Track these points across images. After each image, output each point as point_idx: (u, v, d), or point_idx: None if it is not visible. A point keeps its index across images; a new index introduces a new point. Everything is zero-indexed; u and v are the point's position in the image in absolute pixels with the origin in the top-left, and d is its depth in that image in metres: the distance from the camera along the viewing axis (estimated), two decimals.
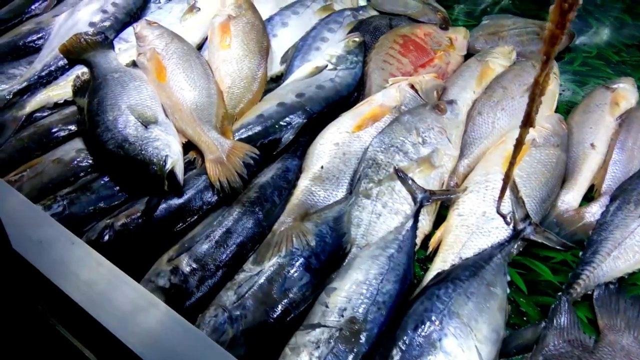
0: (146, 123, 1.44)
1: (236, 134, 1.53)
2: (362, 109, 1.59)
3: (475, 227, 1.33)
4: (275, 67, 1.87)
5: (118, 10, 1.94)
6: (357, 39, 1.82)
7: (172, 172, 1.34)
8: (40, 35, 1.87)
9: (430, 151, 1.46)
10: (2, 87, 1.70)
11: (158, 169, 1.33)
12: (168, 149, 1.38)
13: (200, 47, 1.93)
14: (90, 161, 1.46)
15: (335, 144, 1.52)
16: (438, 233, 1.36)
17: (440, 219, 1.41)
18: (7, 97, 1.67)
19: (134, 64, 1.72)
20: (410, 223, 1.31)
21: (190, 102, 1.54)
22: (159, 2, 2.04)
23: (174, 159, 1.36)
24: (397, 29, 1.91)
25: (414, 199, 1.37)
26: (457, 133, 1.52)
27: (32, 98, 1.65)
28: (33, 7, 1.97)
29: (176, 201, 1.34)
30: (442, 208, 1.43)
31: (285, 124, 1.56)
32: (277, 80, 1.86)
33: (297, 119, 1.57)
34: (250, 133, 1.53)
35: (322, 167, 1.47)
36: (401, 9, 2.10)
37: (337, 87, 1.69)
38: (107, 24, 1.91)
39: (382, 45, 1.84)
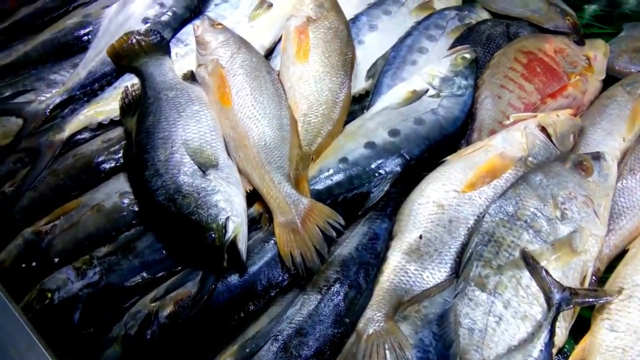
0: (205, 167, 1.16)
1: (312, 182, 1.21)
2: (475, 159, 1.23)
3: (635, 353, 0.97)
4: (360, 83, 1.52)
5: (177, 3, 1.63)
6: (467, 55, 1.43)
7: (233, 243, 1.05)
8: (87, 30, 1.60)
9: (571, 230, 1.09)
10: (41, 98, 1.44)
11: (217, 237, 1.04)
12: (230, 206, 1.09)
13: (271, 51, 1.60)
14: (136, 209, 1.20)
15: (439, 205, 1.18)
16: (578, 350, 1.02)
17: (579, 323, 1.06)
18: (46, 111, 1.42)
19: (192, 76, 1.42)
20: (544, 338, 0.97)
21: (257, 138, 1.23)
22: None
23: (237, 223, 1.07)
24: (518, 42, 1.50)
25: (549, 300, 1.02)
26: (606, 203, 1.14)
27: (74, 117, 1.39)
28: None
29: (236, 280, 1.06)
30: (583, 308, 1.08)
31: (374, 172, 1.23)
32: (361, 99, 1.52)
33: (390, 167, 1.24)
34: (330, 183, 1.22)
35: (420, 237, 1.15)
36: (519, 10, 1.67)
37: (441, 122, 1.33)
38: (164, 19, 1.61)
39: (499, 64, 1.44)
